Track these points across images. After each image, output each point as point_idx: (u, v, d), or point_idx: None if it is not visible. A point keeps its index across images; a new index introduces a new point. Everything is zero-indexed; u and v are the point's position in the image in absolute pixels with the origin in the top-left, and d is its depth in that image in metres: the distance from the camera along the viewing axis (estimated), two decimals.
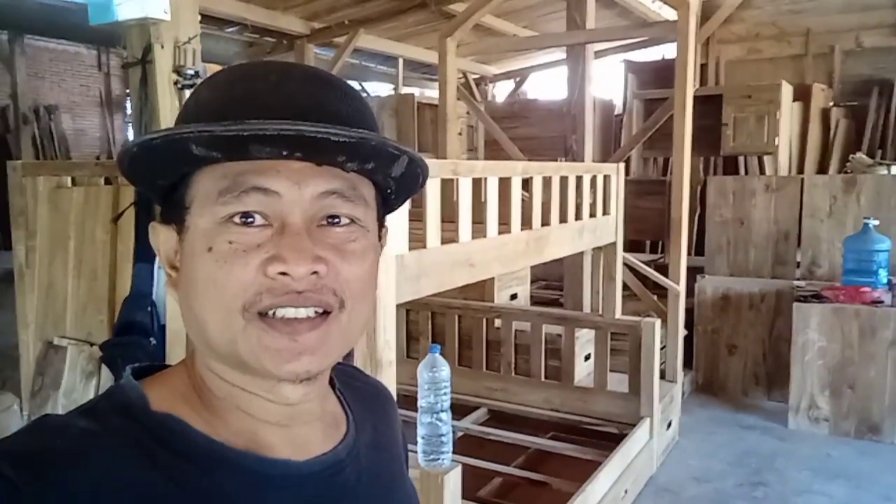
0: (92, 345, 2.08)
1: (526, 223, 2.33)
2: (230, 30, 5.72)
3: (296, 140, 0.49)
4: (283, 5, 5.35)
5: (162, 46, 1.76)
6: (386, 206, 0.61)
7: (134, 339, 1.65)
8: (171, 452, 0.51)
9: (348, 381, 0.68)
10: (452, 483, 1.62)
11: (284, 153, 0.50)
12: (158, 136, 0.49)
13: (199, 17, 1.87)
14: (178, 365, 0.59)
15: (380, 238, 0.60)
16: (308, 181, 0.52)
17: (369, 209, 0.57)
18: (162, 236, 0.57)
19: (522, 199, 2.30)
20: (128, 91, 11.25)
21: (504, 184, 2.16)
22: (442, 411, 1.67)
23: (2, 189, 2.39)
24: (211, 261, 0.51)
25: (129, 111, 11.28)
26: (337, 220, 0.54)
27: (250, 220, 0.51)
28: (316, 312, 0.52)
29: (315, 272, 0.51)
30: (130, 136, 10.75)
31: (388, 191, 0.60)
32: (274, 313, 0.51)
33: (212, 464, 0.52)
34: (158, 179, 0.54)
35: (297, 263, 0.50)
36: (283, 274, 0.50)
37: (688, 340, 4.13)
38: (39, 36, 8.82)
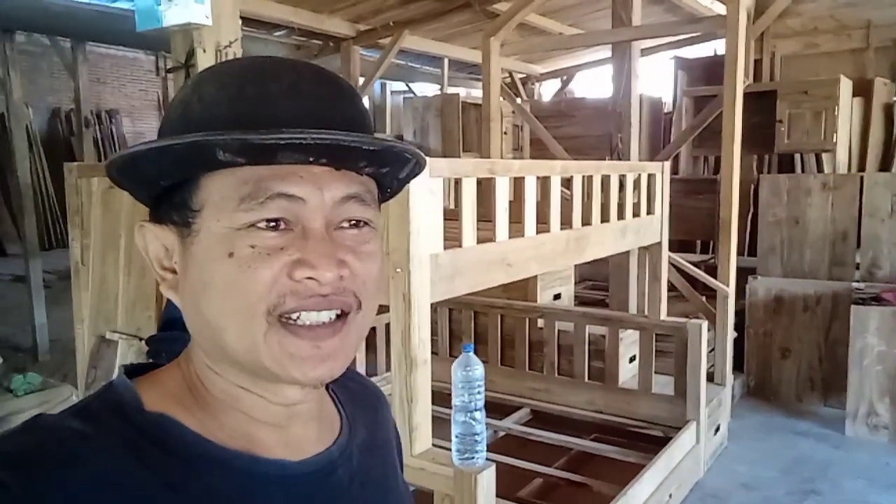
0: (140, 339, 2.15)
1: (566, 222, 2.30)
2: (278, 33, 5.83)
3: (324, 147, 0.49)
4: (328, 8, 5.42)
5: (204, 51, 1.81)
6: (381, 200, 0.61)
7: (176, 334, 1.69)
8: (165, 453, 0.51)
9: (342, 381, 0.67)
10: (486, 482, 1.61)
11: (311, 159, 0.51)
12: (184, 140, 0.48)
13: (242, 22, 1.92)
14: (172, 365, 0.58)
15: None
16: (329, 186, 0.52)
17: (377, 210, 0.58)
18: (150, 236, 0.56)
19: (563, 199, 2.27)
20: None
21: (543, 183, 2.14)
22: (476, 410, 1.66)
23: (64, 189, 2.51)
24: (233, 266, 0.50)
25: None
26: (353, 222, 0.54)
27: (274, 224, 0.51)
28: (336, 315, 0.53)
29: (340, 276, 0.52)
30: None
31: (388, 189, 0.61)
32: (298, 317, 0.51)
33: (205, 464, 0.52)
34: (162, 180, 0.53)
35: (326, 269, 0.51)
36: (310, 279, 0.51)
37: (738, 343, 4.01)
38: (100, 43, 9.18)
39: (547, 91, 9.09)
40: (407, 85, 9.90)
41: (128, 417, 0.52)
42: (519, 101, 5.41)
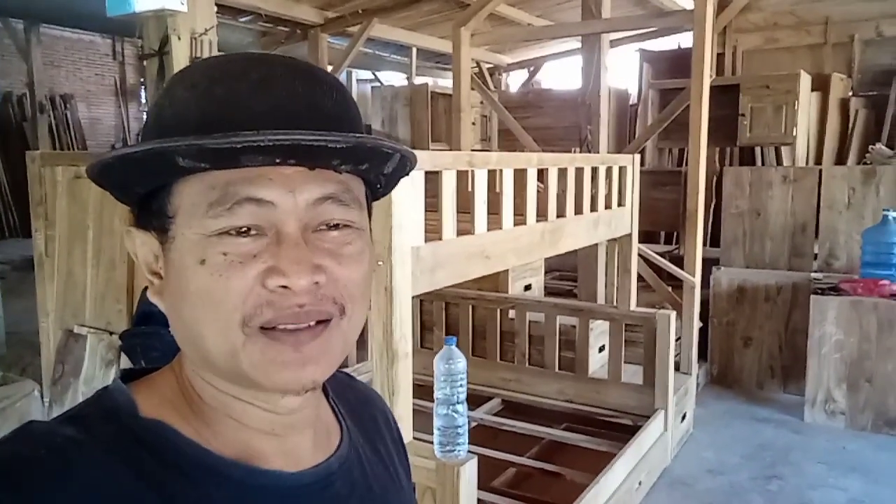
0: (111, 333, 2.10)
1: (541, 215, 2.32)
2: (244, 19, 5.72)
3: (291, 147, 0.47)
4: None
5: (179, 38, 1.75)
6: (373, 198, 0.60)
7: (153, 329, 1.67)
8: (159, 461, 0.49)
9: (342, 391, 0.66)
10: (468, 474, 1.62)
11: (277, 160, 0.48)
12: (141, 148, 0.47)
13: (216, 8, 1.88)
14: (166, 370, 0.57)
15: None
16: (302, 188, 0.50)
17: (362, 209, 0.55)
18: (139, 241, 0.55)
19: (538, 191, 2.29)
20: (142, 80, 11.33)
21: (519, 175, 2.15)
22: (458, 403, 1.67)
23: (20, 177, 2.43)
24: (205, 274, 0.49)
25: (143, 100, 11.35)
26: (332, 224, 0.52)
27: (244, 230, 0.49)
28: (317, 321, 0.51)
29: (316, 282, 0.50)
30: None
31: (378, 186, 0.59)
32: (275, 326, 0.50)
33: (200, 474, 0.51)
34: (136, 188, 0.52)
35: (299, 276, 0.49)
36: (284, 287, 0.49)
37: (702, 332, 4.11)
38: (55, 25, 8.88)
39: (514, 81, 9.12)
40: (373, 73, 9.82)
41: (123, 423, 0.50)
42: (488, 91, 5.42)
